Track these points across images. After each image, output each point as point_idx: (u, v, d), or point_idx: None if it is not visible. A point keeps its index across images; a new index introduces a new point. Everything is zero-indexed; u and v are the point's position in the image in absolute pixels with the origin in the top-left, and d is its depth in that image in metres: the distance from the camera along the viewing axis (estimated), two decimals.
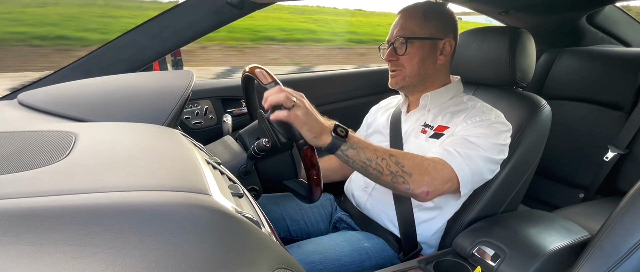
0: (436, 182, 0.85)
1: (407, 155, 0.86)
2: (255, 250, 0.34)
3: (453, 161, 0.88)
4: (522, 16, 1.62)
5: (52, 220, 0.28)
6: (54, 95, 0.71)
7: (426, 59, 1.01)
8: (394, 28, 1.04)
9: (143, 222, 0.30)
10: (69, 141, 0.45)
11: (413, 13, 1.02)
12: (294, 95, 0.77)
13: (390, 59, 1.02)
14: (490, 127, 0.93)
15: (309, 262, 0.92)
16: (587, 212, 1.26)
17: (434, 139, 0.99)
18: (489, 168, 0.92)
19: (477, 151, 0.90)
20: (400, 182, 0.84)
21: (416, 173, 0.84)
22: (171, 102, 0.70)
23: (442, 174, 0.87)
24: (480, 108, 0.98)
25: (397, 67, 1.03)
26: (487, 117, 0.95)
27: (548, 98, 1.13)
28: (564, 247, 0.86)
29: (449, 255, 0.94)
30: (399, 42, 1.00)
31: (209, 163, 0.53)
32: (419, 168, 0.85)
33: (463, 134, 0.94)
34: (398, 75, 1.03)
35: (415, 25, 1.00)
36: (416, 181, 0.84)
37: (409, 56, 1.00)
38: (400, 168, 0.84)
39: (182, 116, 1.32)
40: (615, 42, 1.70)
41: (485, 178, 0.93)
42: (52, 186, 0.33)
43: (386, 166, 0.83)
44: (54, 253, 0.26)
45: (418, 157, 0.87)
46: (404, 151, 0.92)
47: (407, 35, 1.00)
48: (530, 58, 1.09)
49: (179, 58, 1.31)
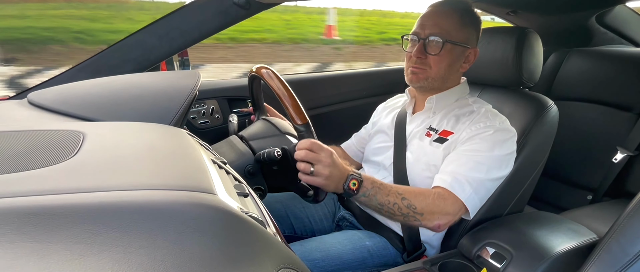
0: (448, 216, 0.90)
1: (418, 196, 0.89)
2: (260, 249, 0.34)
3: (461, 193, 0.90)
4: (531, 16, 1.60)
5: (60, 218, 0.28)
6: (63, 95, 0.72)
7: (453, 65, 0.99)
8: (426, 23, 0.97)
9: (149, 220, 0.30)
10: (77, 140, 0.45)
11: (450, 13, 0.97)
12: (322, 153, 0.80)
13: (419, 56, 0.97)
14: (494, 136, 0.92)
15: (311, 259, 0.92)
16: (595, 214, 1.24)
17: (438, 143, 0.99)
18: (495, 185, 0.94)
19: (484, 173, 0.91)
20: (412, 221, 0.90)
21: (427, 212, 0.88)
22: (178, 102, 0.70)
23: (453, 207, 0.90)
24: (485, 113, 0.97)
25: (422, 65, 0.98)
26: (492, 124, 0.94)
27: (557, 99, 1.12)
28: (571, 249, 0.85)
29: (455, 256, 0.93)
30: (434, 42, 0.95)
31: (215, 163, 0.54)
32: (430, 207, 0.89)
33: (468, 148, 0.93)
34: (421, 74, 0.99)
35: (452, 27, 0.96)
36: (428, 219, 0.89)
37: (439, 58, 0.96)
38: (412, 210, 0.88)
39: (188, 116, 1.33)
40: (626, 43, 1.68)
41: (492, 192, 0.95)
42: (60, 184, 0.34)
43: (397, 209, 0.88)
44: (61, 251, 0.26)
45: (429, 195, 0.90)
46: (415, 190, 0.91)
47: (444, 36, 0.95)
48: (537, 58, 1.08)
49: (185, 58, 1.32)
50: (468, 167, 0.91)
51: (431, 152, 0.99)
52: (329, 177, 0.80)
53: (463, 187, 0.90)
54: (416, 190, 0.92)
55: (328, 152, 0.80)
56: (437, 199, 0.90)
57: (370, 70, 1.81)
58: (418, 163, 1.01)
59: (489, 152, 0.91)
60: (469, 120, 0.97)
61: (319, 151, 0.80)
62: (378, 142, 1.15)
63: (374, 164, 1.15)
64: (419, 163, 1.01)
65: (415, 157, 1.02)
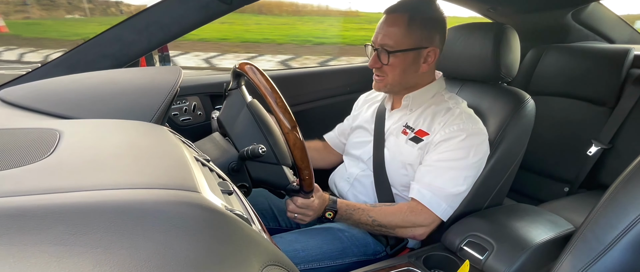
0: (422, 228, 0.98)
1: (388, 216, 0.98)
2: (246, 247, 0.34)
3: (437, 208, 0.96)
4: (510, 13, 1.64)
5: (37, 220, 0.27)
6: (38, 92, 0.69)
7: (408, 69, 1.01)
8: (379, 31, 1.00)
9: (131, 220, 0.29)
10: (54, 139, 0.44)
11: (397, 19, 0.98)
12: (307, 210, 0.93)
13: (374, 66, 1.02)
14: (467, 142, 0.96)
15: (292, 250, 0.94)
16: (571, 205, 1.28)
17: (413, 142, 1.02)
18: (467, 189, 0.99)
19: (459, 185, 0.96)
20: (389, 234, 1.02)
21: (400, 228, 0.98)
22: (159, 99, 0.69)
23: (427, 220, 0.98)
24: (459, 115, 0.99)
25: (380, 73, 1.03)
26: (465, 127, 0.97)
27: (535, 94, 1.15)
28: (550, 239, 0.87)
29: (438, 249, 0.95)
30: (382, 52, 0.99)
31: (198, 160, 0.53)
32: (403, 223, 0.98)
33: (443, 158, 0.97)
34: (381, 82, 1.04)
35: (399, 35, 0.97)
36: (401, 233, 1.00)
37: (391, 67, 1.00)
38: (385, 228, 0.98)
39: (170, 113, 1.31)
40: (600, 39, 1.73)
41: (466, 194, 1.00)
42: (36, 184, 0.32)
43: (371, 228, 1.00)
44: (38, 254, 0.25)
45: (401, 212, 0.98)
46: (386, 211, 0.99)
47: (389, 47, 0.97)
48: (515, 54, 1.11)
49: (166, 54, 1.29)
50: (444, 179, 0.96)
51: (407, 151, 1.02)
52: (310, 220, 0.96)
53: (439, 203, 0.96)
54: (387, 210, 0.98)
55: (311, 207, 0.92)
56: (410, 215, 0.97)
57: (353, 67, 1.81)
58: (394, 160, 1.04)
59: (463, 161, 0.96)
60: (443, 121, 0.99)
61: (305, 208, 0.92)
62: (358, 136, 1.18)
63: (354, 158, 1.17)
64: (395, 161, 1.04)
65: (392, 154, 1.05)
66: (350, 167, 1.16)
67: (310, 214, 0.94)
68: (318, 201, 0.93)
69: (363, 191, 1.10)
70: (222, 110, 1.00)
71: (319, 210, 0.95)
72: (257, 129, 0.88)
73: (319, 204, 0.94)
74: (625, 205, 0.62)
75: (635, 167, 0.65)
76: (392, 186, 1.05)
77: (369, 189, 1.09)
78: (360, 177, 1.11)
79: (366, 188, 1.10)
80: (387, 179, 1.05)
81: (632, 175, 0.65)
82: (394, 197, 1.05)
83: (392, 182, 1.05)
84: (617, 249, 0.63)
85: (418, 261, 0.90)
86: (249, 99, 0.93)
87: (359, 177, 1.12)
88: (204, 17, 1.08)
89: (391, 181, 1.05)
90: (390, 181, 1.05)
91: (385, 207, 0.99)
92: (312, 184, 0.86)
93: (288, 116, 0.78)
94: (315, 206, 0.93)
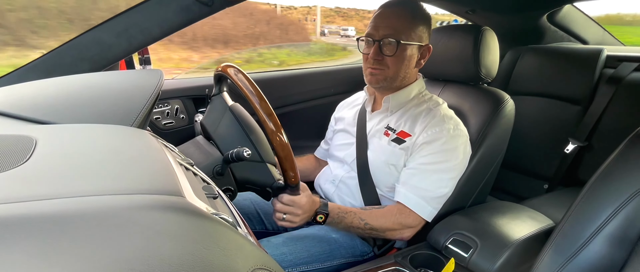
0: (410, 229, 1.00)
1: (379, 219, 0.98)
2: (232, 251, 0.33)
3: (422, 211, 0.98)
4: (488, 15, 1.68)
5: (12, 229, 0.26)
6: (11, 96, 0.67)
7: (409, 63, 1.02)
8: (380, 24, 0.99)
9: (113, 227, 0.28)
10: (29, 145, 0.42)
11: (402, 13, 0.99)
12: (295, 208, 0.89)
13: (376, 58, 1.00)
14: (448, 144, 0.98)
15: (279, 253, 0.93)
16: (551, 202, 1.32)
17: (396, 143, 1.03)
18: (450, 190, 1.00)
19: (443, 187, 0.98)
20: (379, 236, 1.02)
21: (389, 230, 0.99)
22: (140, 102, 0.67)
23: (414, 221, 0.99)
24: (441, 117, 1.01)
25: (380, 66, 1.01)
26: (446, 128, 0.99)
27: (513, 94, 1.18)
28: (531, 235, 0.90)
29: (424, 248, 0.96)
30: (389, 43, 0.98)
31: (182, 164, 0.52)
32: (393, 225, 0.98)
33: (426, 162, 0.98)
34: (379, 75, 1.02)
35: (405, 27, 0.98)
36: (391, 235, 1.00)
37: (396, 58, 0.99)
38: (374, 230, 0.98)
39: (151, 117, 1.28)
40: (574, 40, 1.79)
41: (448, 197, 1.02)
42: (10, 192, 0.31)
43: (361, 231, 0.99)
44: (16, 263, 0.24)
45: (391, 215, 0.98)
46: (376, 213, 0.99)
47: (398, 37, 0.97)
48: (494, 55, 1.13)
49: (146, 57, 1.26)
50: (428, 182, 0.97)
51: (390, 151, 1.02)
52: (300, 220, 0.91)
53: (424, 206, 0.98)
54: (378, 212, 0.99)
55: (300, 206, 0.89)
56: (399, 216, 0.98)
57: (336, 68, 1.82)
58: (378, 161, 1.05)
59: (446, 163, 0.98)
60: (425, 123, 1.01)
61: (292, 205, 0.89)
62: (341, 139, 1.18)
63: (338, 160, 1.17)
64: (379, 161, 1.04)
65: (376, 155, 1.05)
66: (335, 169, 1.16)
67: (299, 213, 0.89)
68: (307, 199, 0.90)
69: (348, 192, 1.10)
70: (206, 114, 0.99)
71: (309, 210, 0.91)
72: (241, 131, 0.87)
73: (308, 204, 0.91)
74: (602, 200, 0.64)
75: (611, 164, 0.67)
76: (376, 187, 1.05)
77: (354, 191, 1.09)
78: (345, 179, 1.11)
79: (351, 189, 1.10)
80: (371, 180, 1.05)
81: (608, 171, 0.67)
82: (379, 198, 1.06)
83: (376, 183, 1.05)
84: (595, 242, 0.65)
85: (405, 261, 0.91)
86: (231, 103, 0.93)
87: (343, 179, 1.12)
88: (185, 20, 1.06)
89: (376, 182, 1.05)
90: (375, 182, 1.05)
91: (375, 210, 0.99)
92: (297, 178, 0.83)
93: (271, 117, 0.77)
94: (303, 204, 0.89)
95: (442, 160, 0.97)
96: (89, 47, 1.01)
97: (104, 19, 0.99)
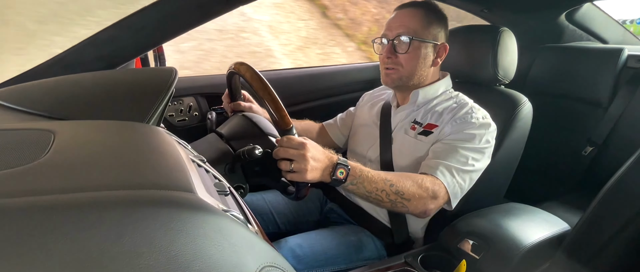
0: (434, 200, 0.90)
1: (406, 182, 0.87)
2: (242, 248, 0.34)
3: (444, 179, 0.91)
4: (504, 14, 1.64)
5: (35, 220, 0.27)
6: (31, 93, 0.69)
7: (424, 62, 1.02)
8: (393, 24, 1.02)
9: (126, 221, 0.29)
10: (48, 139, 0.43)
11: (415, 12, 1.01)
12: (298, 147, 0.76)
13: (389, 56, 1.01)
14: (477, 130, 0.95)
15: (295, 256, 0.92)
16: (567, 205, 1.29)
17: (423, 136, 1.01)
18: (475, 176, 0.96)
19: (466, 164, 0.93)
20: (399, 207, 0.89)
21: (414, 198, 0.87)
22: (154, 99, 0.68)
23: (438, 188, 0.90)
24: (470, 107, 1.00)
25: (394, 65, 1.02)
26: (476, 117, 0.97)
27: (529, 94, 1.15)
28: (545, 239, 0.88)
29: (435, 249, 0.95)
30: (402, 41, 0.99)
31: (194, 161, 0.53)
32: (418, 193, 0.87)
33: (452, 140, 0.95)
34: (394, 74, 1.02)
35: (418, 26, 0.99)
36: (414, 205, 0.88)
37: (409, 56, 1.00)
38: (400, 196, 0.87)
39: (165, 114, 1.30)
40: (593, 40, 1.75)
41: (472, 184, 0.97)
42: (31, 185, 0.32)
43: (385, 196, 0.86)
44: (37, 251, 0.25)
45: (416, 180, 0.89)
46: (402, 175, 0.90)
47: (411, 34, 0.98)
48: (512, 56, 1.11)
49: (161, 54, 1.28)
50: (452, 157, 0.93)
51: (415, 144, 1.01)
52: (312, 169, 0.76)
53: (445, 175, 0.92)
54: (404, 175, 0.91)
55: (304, 145, 0.76)
56: (423, 183, 0.89)
57: (350, 66, 1.81)
58: (404, 156, 1.03)
59: (471, 144, 0.94)
60: (452, 112, 1.00)
61: (295, 146, 0.76)
62: (363, 134, 1.17)
63: (361, 157, 1.16)
64: (405, 156, 1.03)
65: (401, 150, 1.04)
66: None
67: (307, 155, 0.75)
68: (315, 144, 0.79)
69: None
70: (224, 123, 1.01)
71: (320, 158, 0.78)
72: (253, 128, 0.88)
73: (317, 150, 0.78)
74: (618, 204, 0.63)
75: (628, 167, 0.65)
76: None
77: None
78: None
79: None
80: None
81: (625, 175, 0.65)
82: None
83: None
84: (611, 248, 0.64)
85: (415, 261, 0.90)
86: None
87: None
88: (201, 16, 1.07)
89: None
90: None
91: (400, 173, 0.91)
92: (287, 120, 0.76)
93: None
94: (309, 146, 0.76)
95: (468, 139, 0.94)
96: (106, 45, 1.03)
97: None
